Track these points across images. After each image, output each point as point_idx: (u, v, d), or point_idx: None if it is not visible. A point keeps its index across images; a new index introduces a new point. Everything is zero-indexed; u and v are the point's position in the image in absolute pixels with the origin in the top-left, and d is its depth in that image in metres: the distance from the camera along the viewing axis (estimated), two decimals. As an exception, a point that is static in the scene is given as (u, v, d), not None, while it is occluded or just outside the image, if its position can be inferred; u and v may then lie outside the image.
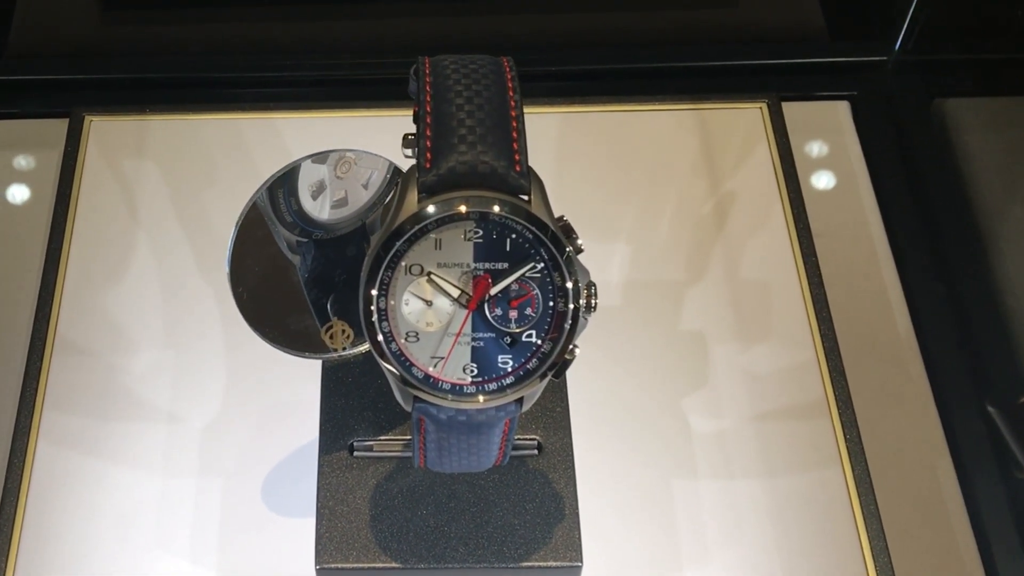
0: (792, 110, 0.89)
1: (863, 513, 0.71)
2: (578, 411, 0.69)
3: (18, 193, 0.85)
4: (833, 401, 0.75)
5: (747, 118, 0.87)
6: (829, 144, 0.89)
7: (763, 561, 0.70)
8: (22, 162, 0.87)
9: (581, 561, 0.63)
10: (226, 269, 0.61)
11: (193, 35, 0.94)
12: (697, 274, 0.80)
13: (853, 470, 0.72)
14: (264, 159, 0.63)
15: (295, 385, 0.74)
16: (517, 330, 0.53)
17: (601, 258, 0.80)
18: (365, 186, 0.63)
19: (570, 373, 0.68)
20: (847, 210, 0.85)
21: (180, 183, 0.83)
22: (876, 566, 0.69)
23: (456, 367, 0.53)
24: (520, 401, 0.54)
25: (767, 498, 0.71)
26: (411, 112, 0.53)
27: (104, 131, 0.86)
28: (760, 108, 0.88)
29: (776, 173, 0.84)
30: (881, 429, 0.76)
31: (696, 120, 0.87)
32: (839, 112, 0.91)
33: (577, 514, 0.64)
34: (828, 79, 0.93)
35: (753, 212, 0.83)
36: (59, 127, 0.86)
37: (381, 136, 0.65)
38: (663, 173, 0.85)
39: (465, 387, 0.53)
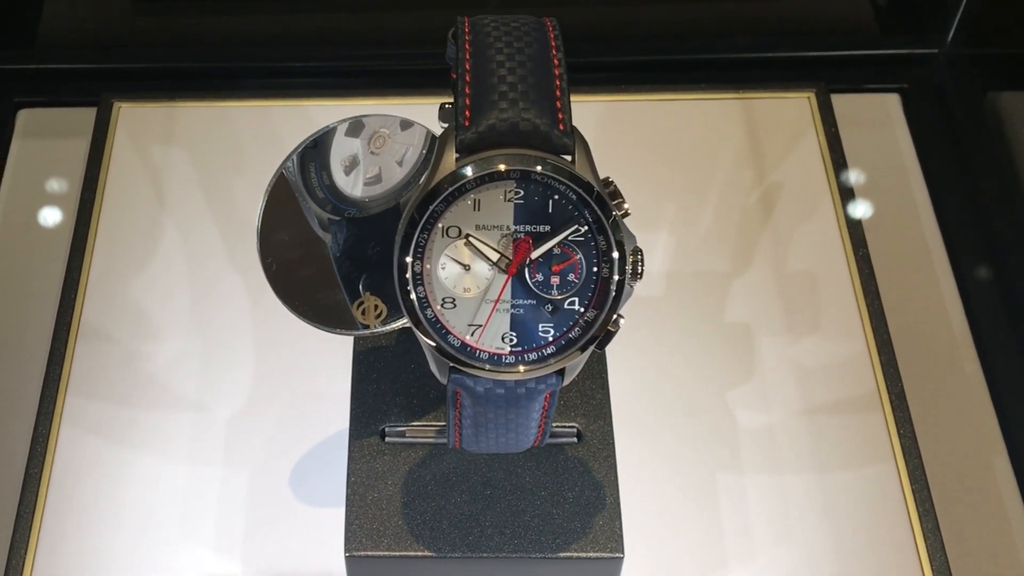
0: (841, 102, 0.86)
1: (918, 510, 0.68)
2: (619, 402, 0.66)
3: (46, 180, 0.83)
4: (886, 395, 0.72)
5: (794, 108, 0.85)
6: (879, 137, 0.86)
7: (813, 559, 0.67)
8: (51, 149, 0.85)
9: (622, 552, 0.60)
10: (255, 239, 0.59)
11: (223, 24, 0.93)
12: (743, 265, 0.77)
13: (907, 466, 0.69)
14: (294, 146, 0.62)
15: (324, 372, 0.72)
16: (559, 297, 0.50)
17: (645, 247, 0.76)
18: (400, 163, 0.61)
19: (611, 362, 0.66)
20: (898, 203, 0.83)
21: (209, 170, 0.82)
22: (932, 565, 0.66)
23: (494, 336, 0.50)
24: (561, 373, 0.51)
25: (817, 494, 0.69)
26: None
27: (133, 118, 0.84)
28: (808, 98, 0.85)
29: (825, 163, 0.82)
30: (935, 425, 0.73)
31: (742, 109, 0.85)
32: (889, 105, 0.88)
33: (618, 504, 0.61)
34: (878, 72, 0.90)
35: (801, 203, 0.80)
36: (88, 115, 0.85)
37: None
38: (708, 162, 0.82)
39: (504, 357, 0.50)
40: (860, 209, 0.80)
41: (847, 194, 0.80)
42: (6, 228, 0.81)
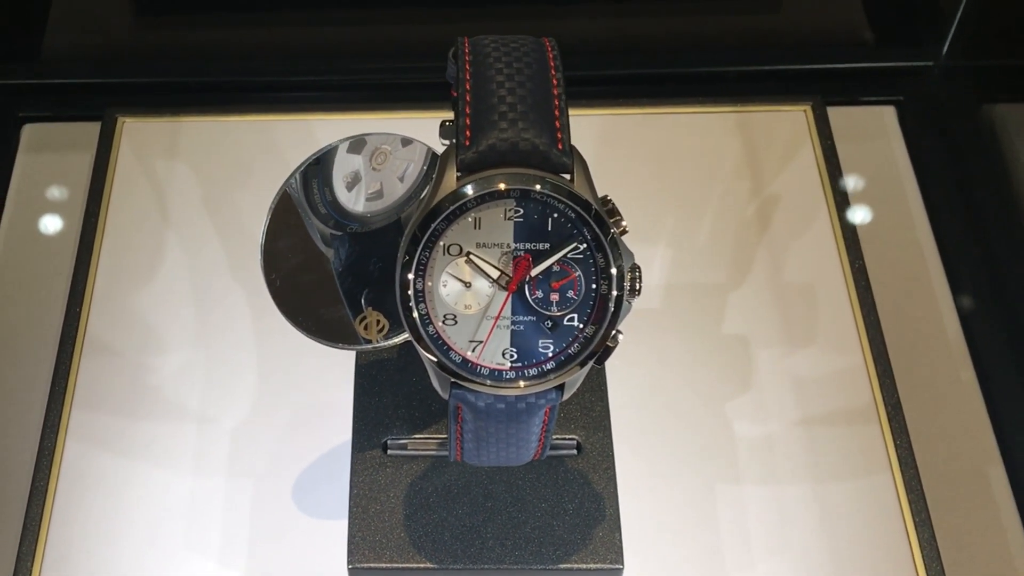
0: (837, 115, 0.87)
1: (914, 521, 0.68)
2: (619, 414, 0.67)
3: (51, 195, 0.84)
4: (882, 406, 0.72)
5: (791, 121, 0.86)
6: (875, 149, 0.87)
7: (810, 570, 0.67)
8: (56, 164, 0.86)
9: (622, 564, 0.61)
10: (259, 255, 0.60)
11: (226, 39, 0.93)
12: (740, 277, 0.78)
13: (904, 476, 0.70)
14: (297, 161, 0.63)
15: (327, 385, 0.72)
16: (558, 313, 0.51)
17: (643, 260, 0.76)
18: (401, 179, 0.62)
19: (610, 375, 0.67)
20: (894, 215, 0.83)
21: (212, 184, 0.82)
22: (928, 575, 0.66)
23: (495, 352, 0.51)
24: (561, 388, 0.52)
25: (814, 505, 0.69)
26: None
27: (137, 132, 0.85)
28: (804, 111, 0.86)
29: (821, 176, 0.82)
30: (931, 435, 0.73)
31: (738, 123, 0.85)
32: (885, 117, 0.89)
33: (618, 515, 0.62)
34: (873, 84, 0.91)
35: (797, 215, 0.81)
36: (92, 130, 0.85)
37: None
38: (705, 175, 0.83)
39: (504, 372, 0.51)
40: (856, 221, 0.81)
41: (843, 206, 0.81)
42: (11, 242, 0.81)
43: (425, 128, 0.60)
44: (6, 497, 0.71)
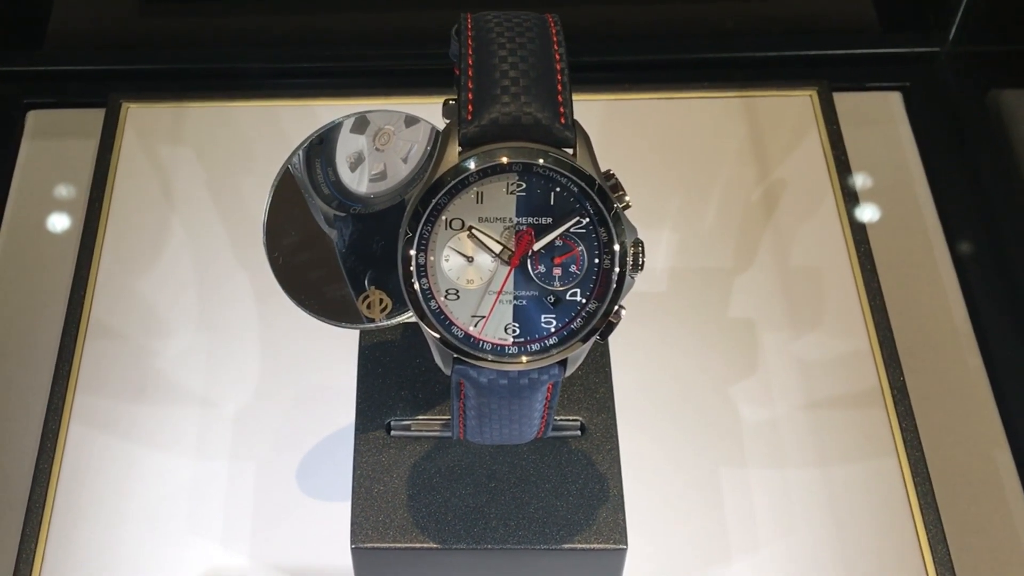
0: (843, 100, 0.86)
1: (920, 504, 0.68)
2: (623, 397, 0.67)
3: (56, 180, 0.84)
4: (888, 390, 0.72)
5: (796, 106, 0.85)
6: (881, 134, 0.86)
7: (815, 552, 0.67)
8: (60, 150, 0.86)
9: (626, 544, 0.60)
10: (261, 233, 0.60)
11: (230, 24, 0.93)
12: (746, 261, 0.78)
13: (909, 460, 0.69)
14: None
15: (330, 367, 0.72)
16: (561, 288, 0.51)
17: (648, 245, 0.77)
18: (404, 160, 0.62)
19: (614, 357, 0.67)
20: (900, 200, 0.83)
21: (216, 170, 0.82)
22: (934, 558, 0.66)
23: (497, 327, 0.51)
24: (564, 364, 0.51)
25: (820, 488, 0.69)
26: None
27: (141, 118, 0.85)
28: (810, 96, 0.86)
29: (827, 161, 0.82)
30: (937, 420, 0.73)
31: (744, 108, 0.85)
32: (891, 103, 0.88)
33: (622, 496, 0.61)
34: (880, 70, 0.91)
35: (803, 200, 0.81)
36: (97, 116, 0.85)
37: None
38: (711, 160, 0.83)
39: (507, 348, 0.51)
40: (862, 206, 0.81)
41: (849, 191, 0.81)
42: (16, 228, 0.81)
43: (429, 113, 0.60)
44: (10, 480, 0.71)
